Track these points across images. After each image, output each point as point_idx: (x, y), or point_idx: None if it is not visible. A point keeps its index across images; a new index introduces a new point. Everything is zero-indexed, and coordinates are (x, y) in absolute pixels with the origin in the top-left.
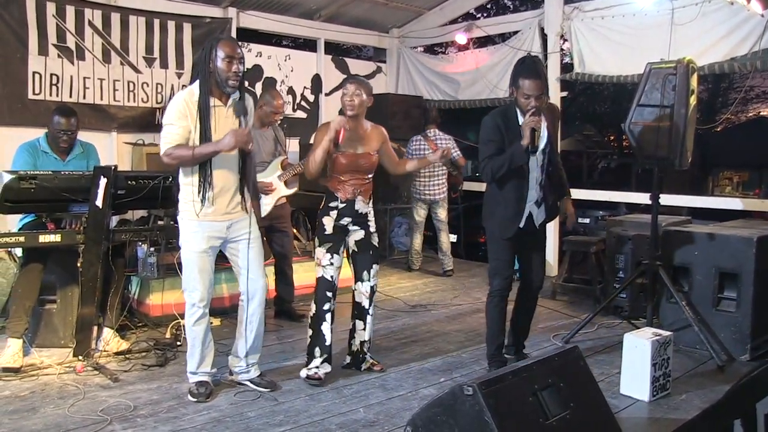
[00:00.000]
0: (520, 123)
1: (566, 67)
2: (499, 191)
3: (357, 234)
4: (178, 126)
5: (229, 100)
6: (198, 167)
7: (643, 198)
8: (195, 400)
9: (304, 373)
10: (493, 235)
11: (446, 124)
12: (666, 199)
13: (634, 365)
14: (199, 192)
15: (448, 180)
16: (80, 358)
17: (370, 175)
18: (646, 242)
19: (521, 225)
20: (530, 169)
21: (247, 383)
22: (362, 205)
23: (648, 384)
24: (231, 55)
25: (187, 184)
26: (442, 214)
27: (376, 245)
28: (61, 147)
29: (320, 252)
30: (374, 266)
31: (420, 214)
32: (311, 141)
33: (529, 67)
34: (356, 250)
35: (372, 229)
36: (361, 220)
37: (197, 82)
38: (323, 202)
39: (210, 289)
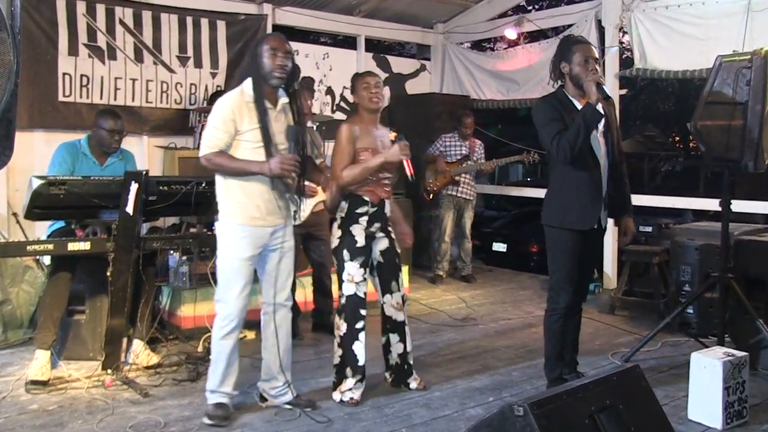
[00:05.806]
0: (576, 106)
1: (626, 63)
2: (572, 176)
3: (382, 243)
4: (222, 131)
5: (278, 103)
6: None
7: (712, 204)
8: (212, 422)
9: (337, 396)
10: (559, 240)
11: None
12: (738, 206)
13: (704, 388)
14: (252, 194)
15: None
16: (109, 371)
17: (391, 175)
18: (715, 252)
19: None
20: (599, 156)
21: (287, 406)
22: (389, 208)
23: (720, 410)
24: (275, 47)
25: (234, 185)
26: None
27: (399, 251)
28: (112, 148)
29: (353, 267)
30: (400, 274)
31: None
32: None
33: (576, 38)
34: (381, 261)
35: (393, 234)
36: (386, 225)
37: (248, 81)
38: (346, 211)
39: (248, 300)
